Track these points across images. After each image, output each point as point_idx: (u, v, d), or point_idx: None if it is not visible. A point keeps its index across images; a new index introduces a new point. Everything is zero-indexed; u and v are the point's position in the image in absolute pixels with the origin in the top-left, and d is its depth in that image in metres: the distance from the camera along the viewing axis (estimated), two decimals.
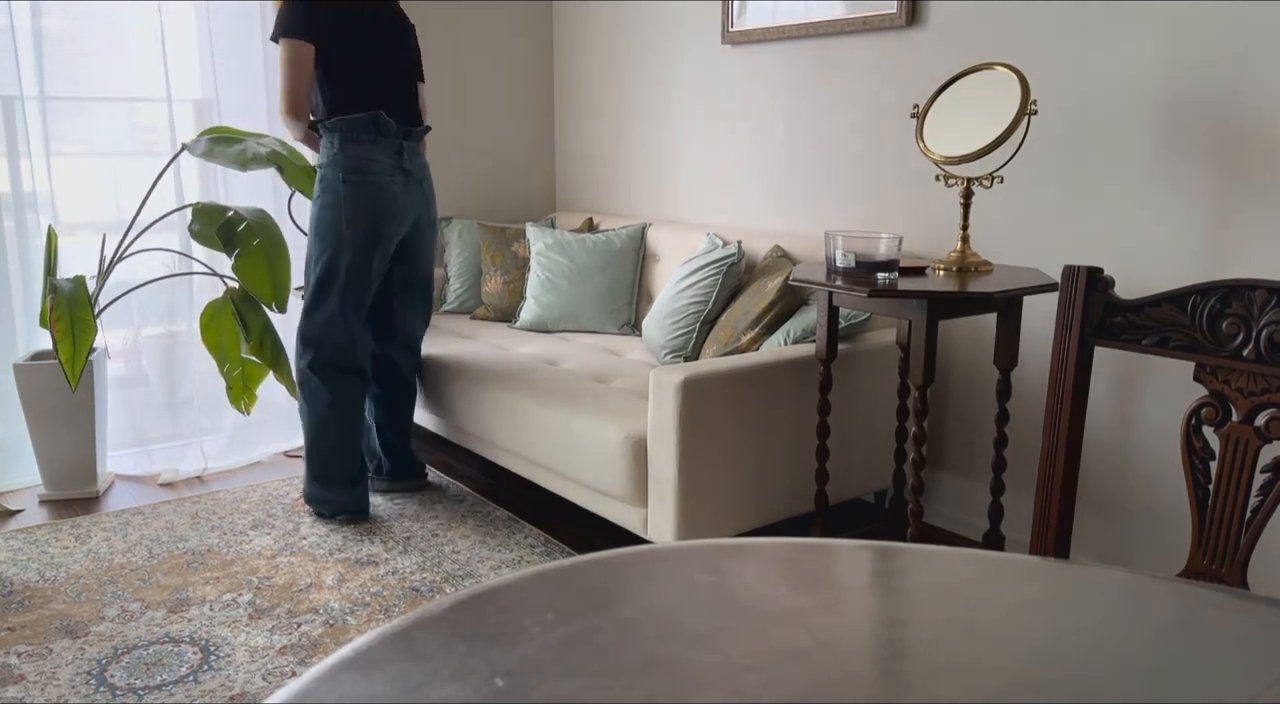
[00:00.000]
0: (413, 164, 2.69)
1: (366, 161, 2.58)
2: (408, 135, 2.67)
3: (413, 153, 2.69)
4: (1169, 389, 2.23)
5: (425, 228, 2.79)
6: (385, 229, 2.63)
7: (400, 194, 2.66)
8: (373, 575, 2.42)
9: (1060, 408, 1.26)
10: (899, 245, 2.03)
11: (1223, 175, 2.09)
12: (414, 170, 2.69)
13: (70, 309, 2.74)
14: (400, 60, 2.71)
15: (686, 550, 0.78)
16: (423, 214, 2.76)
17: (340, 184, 2.57)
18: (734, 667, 0.61)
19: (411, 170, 2.68)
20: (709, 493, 2.29)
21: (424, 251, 2.83)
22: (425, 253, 2.84)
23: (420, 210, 2.74)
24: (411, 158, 2.69)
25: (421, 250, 2.82)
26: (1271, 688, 0.60)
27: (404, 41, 2.74)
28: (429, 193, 2.78)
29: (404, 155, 2.66)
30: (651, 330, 2.97)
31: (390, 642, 0.63)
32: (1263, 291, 1.10)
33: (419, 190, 2.72)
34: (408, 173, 2.67)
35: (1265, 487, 1.09)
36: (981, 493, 2.65)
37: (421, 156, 2.74)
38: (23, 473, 3.07)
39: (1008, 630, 0.67)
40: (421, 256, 2.83)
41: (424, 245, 2.82)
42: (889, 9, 2.67)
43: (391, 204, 2.63)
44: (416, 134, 2.70)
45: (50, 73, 3.03)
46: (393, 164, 2.62)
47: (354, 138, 2.57)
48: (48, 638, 2.10)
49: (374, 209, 2.60)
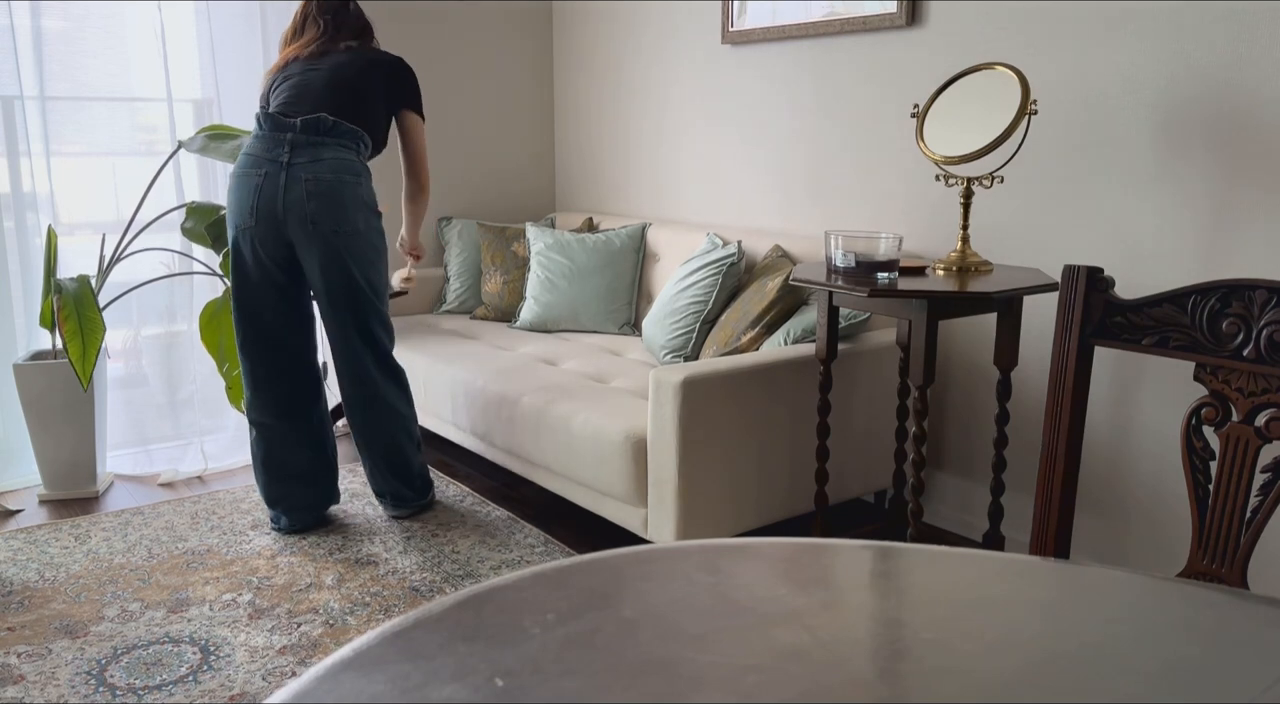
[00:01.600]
0: (302, 161, 2.46)
1: (243, 156, 2.52)
2: (313, 132, 2.47)
3: (313, 154, 2.47)
4: (1169, 389, 2.23)
5: (312, 231, 2.46)
6: (244, 222, 2.47)
7: (265, 187, 2.45)
8: (373, 575, 2.41)
9: (1060, 408, 1.26)
10: (899, 245, 2.03)
11: (1223, 175, 2.09)
12: (302, 168, 2.45)
13: (77, 308, 2.74)
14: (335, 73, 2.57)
15: (686, 550, 0.78)
16: (308, 215, 2.45)
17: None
18: (734, 667, 0.61)
19: (297, 165, 2.45)
20: (709, 493, 2.29)
21: (315, 258, 2.49)
22: (317, 259, 2.49)
23: (302, 210, 2.45)
24: (303, 154, 2.46)
25: (311, 257, 2.50)
26: (1271, 688, 0.60)
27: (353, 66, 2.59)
28: (327, 194, 2.46)
29: (292, 150, 2.46)
30: (651, 330, 2.97)
31: (390, 642, 0.63)
32: (1263, 291, 1.10)
33: (299, 188, 2.45)
34: (289, 167, 2.45)
35: (1265, 487, 1.09)
36: (981, 493, 2.65)
37: (335, 162, 2.48)
38: (23, 473, 3.07)
39: (1008, 631, 0.67)
40: (312, 262, 2.51)
41: (312, 251, 2.49)
42: (889, 9, 2.67)
43: (249, 195, 2.46)
44: (324, 130, 2.48)
45: (50, 73, 3.03)
46: (268, 157, 2.46)
47: (252, 132, 2.55)
48: (48, 638, 2.10)
49: (234, 201, 2.50)
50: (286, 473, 2.65)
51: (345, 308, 2.57)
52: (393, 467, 2.73)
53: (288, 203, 2.46)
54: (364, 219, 2.54)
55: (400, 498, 2.77)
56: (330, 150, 2.49)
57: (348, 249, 2.51)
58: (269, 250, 2.50)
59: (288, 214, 2.46)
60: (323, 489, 2.71)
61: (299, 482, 2.66)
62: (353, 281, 2.54)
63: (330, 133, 2.50)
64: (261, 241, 2.49)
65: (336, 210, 2.47)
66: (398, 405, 2.70)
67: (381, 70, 2.63)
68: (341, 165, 2.49)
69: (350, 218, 2.50)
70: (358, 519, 2.78)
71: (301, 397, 2.64)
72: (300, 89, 2.55)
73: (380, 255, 2.61)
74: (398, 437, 2.71)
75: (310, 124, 2.48)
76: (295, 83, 2.57)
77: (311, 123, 2.48)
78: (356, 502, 2.91)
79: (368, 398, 2.65)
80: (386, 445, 2.71)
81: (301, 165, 2.46)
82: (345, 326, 2.59)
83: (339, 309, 2.57)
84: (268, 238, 2.49)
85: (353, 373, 2.64)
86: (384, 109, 2.65)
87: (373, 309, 2.61)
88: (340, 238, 2.49)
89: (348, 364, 2.64)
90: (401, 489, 2.77)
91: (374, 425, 2.68)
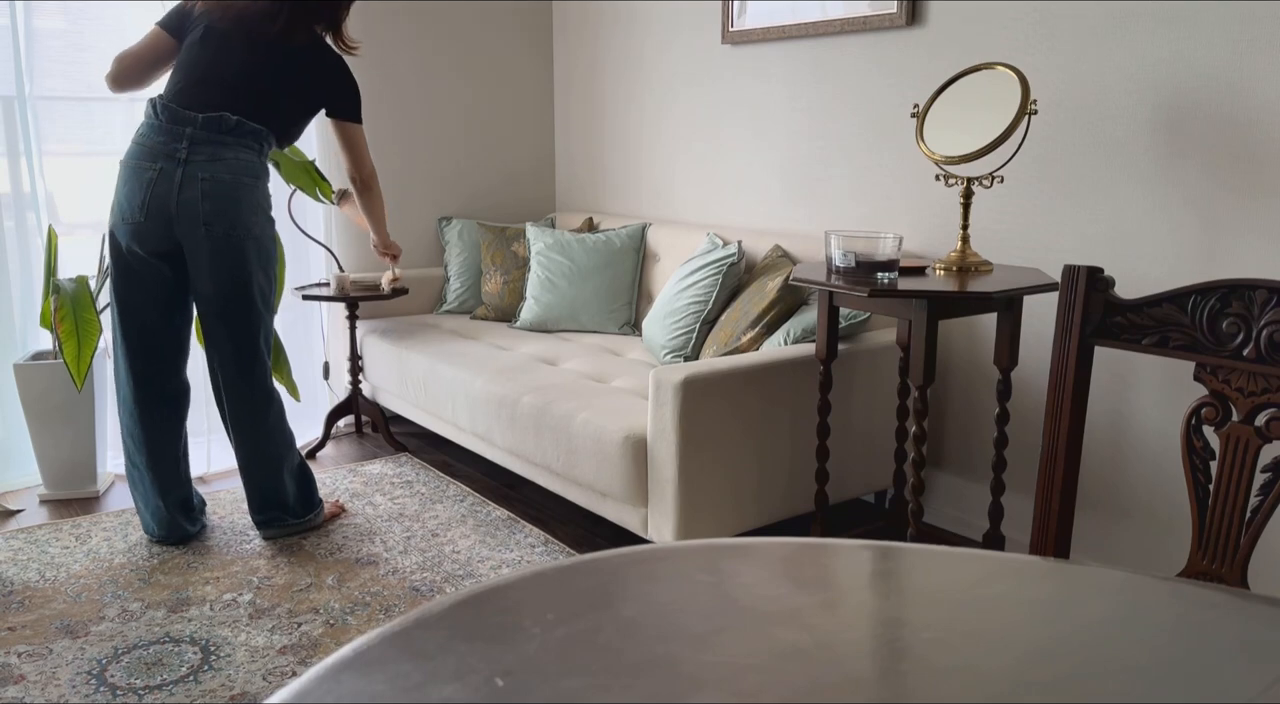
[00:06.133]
0: (200, 160, 2.33)
1: (135, 145, 2.38)
2: (215, 131, 2.34)
3: (212, 153, 2.34)
4: (1169, 389, 2.23)
5: (204, 233, 2.34)
6: (132, 217, 2.35)
7: (158, 183, 2.32)
8: (373, 575, 2.41)
9: (1060, 408, 1.26)
10: (899, 245, 2.03)
11: (1223, 175, 2.09)
12: (200, 166, 2.32)
13: (74, 309, 2.74)
14: (249, 66, 2.40)
15: (686, 550, 0.78)
16: (200, 215, 2.33)
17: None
18: (734, 667, 0.61)
19: (195, 163, 2.32)
20: (709, 493, 2.29)
21: (204, 260, 2.37)
22: (206, 262, 2.37)
23: (195, 210, 2.33)
24: (201, 151, 2.33)
25: (200, 260, 2.37)
26: (1271, 688, 0.60)
27: (271, 61, 2.42)
28: (224, 195, 2.34)
29: (190, 147, 2.32)
30: (651, 330, 2.97)
31: (390, 642, 0.63)
32: (1263, 291, 1.10)
33: (194, 187, 2.32)
34: (186, 165, 2.32)
35: (1265, 487, 1.09)
36: (981, 493, 2.65)
37: (235, 163, 2.36)
38: (23, 473, 3.07)
39: (1008, 630, 0.67)
40: (200, 266, 2.38)
41: (202, 254, 2.36)
42: (889, 9, 2.67)
43: (139, 190, 2.34)
44: (226, 129, 2.35)
45: (50, 73, 3.03)
46: (165, 152, 2.33)
47: (145, 119, 2.39)
48: (48, 638, 2.10)
49: (123, 193, 2.36)
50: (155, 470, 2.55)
51: (233, 315, 2.42)
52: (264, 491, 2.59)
53: (181, 201, 2.33)
54: (259, 223, 2.42)
55: (275, 521, 2.62)
56: (231, 150, 2.36)
57: (241, 252, 2.38)
58: (151, 247, 2.37)
59: (180, 213, 2.33)
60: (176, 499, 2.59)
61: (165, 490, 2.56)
62: (243, 287, 2.41)
63: (233, 132, 2.36)
64: (144, 238, 2.36)
65: (232, 213, 2.35)
66: (279, 425, 2.55)
67: (311, 76, 2.48)
68: (241, 167, 2.37)
69: (246, 221, 2.38)
70: (358, 519, 2.78)
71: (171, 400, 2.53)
72: (205, 79, 2.38)
73: (273, 262, 2.49)
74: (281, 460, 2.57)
75: (213, 122, 2.34)
76: (202, 68, 2.39)
77: (214, 121, 2.34)
78: (356, 502, 2.91)
79: (250, 414, 2.50)
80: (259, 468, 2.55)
81: (199, 164, 2.33)
82: (231, 336, 2.44)
83: (225, 316, 2.42)
84: (153, 235, 2.36)
85: (234, 389, 2.48)
86: (303, 111, 2.52)
87: (260, 321, 2.47)
88: (233, 241, 2.37)
89: (229, 378, 2.47)
90: (279, 514, 2.62)
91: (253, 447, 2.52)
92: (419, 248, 3.85)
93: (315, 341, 3.63)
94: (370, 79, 3.62)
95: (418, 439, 3.56)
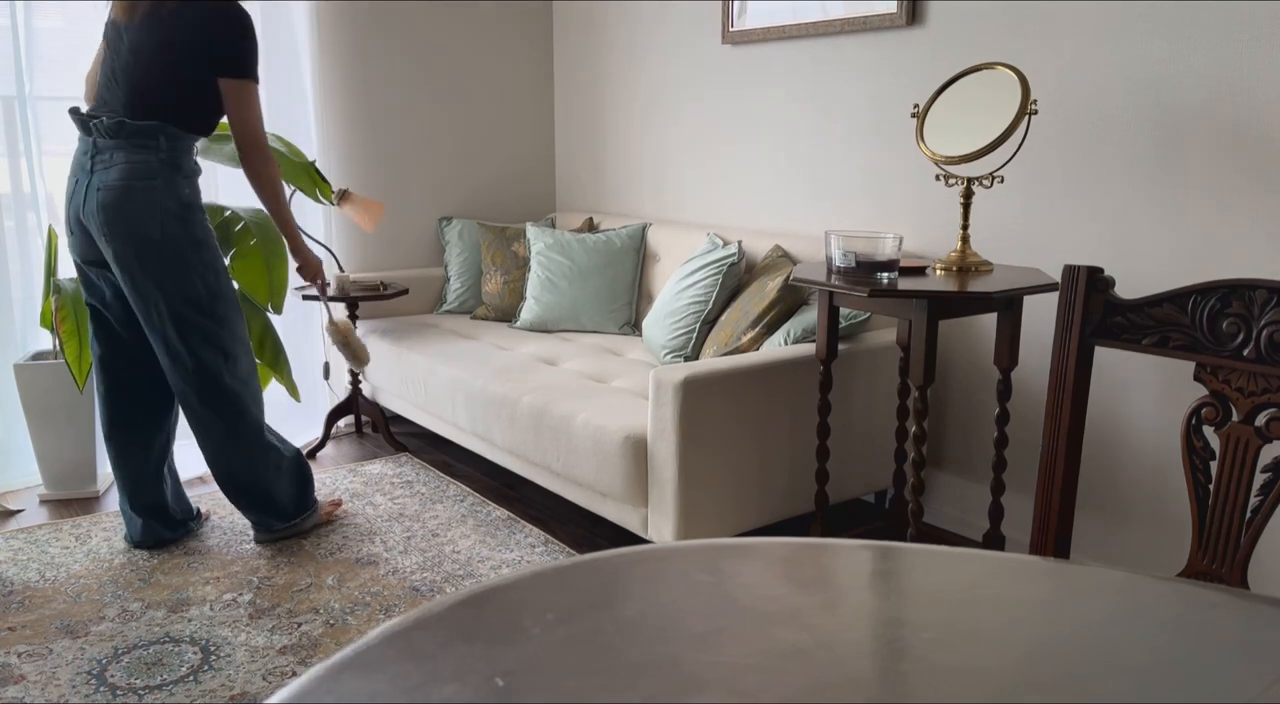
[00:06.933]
0: (100, 169, 2.24)
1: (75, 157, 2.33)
2: (112, 136, 2.22)
3: (108, 160, 2.23)
4: (1169, 389, 2.23)
5: (105, 246, 2.25)
6: (68, 232, 2.35)
7: (75, 197, 2.28)
8: (373, 575, 2.41)
9: (1060, 408, 1.26)
10: (899, 245, 2.03)
11: (1223, 175, 2.09)
12: (98, 176, 2.23)
13: (74, 309, 2.74)
14: (137, 56, 2.26)
15: (686, 550, 0.78)
16: (99, 227, 2.23)
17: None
18: (734, 667, 0.61)
19: (97, 173, 2.23)
20: (709, 493, 2.29)
21: (117, 273, 2.27)
22: (119, 275, 2.27)
23: (96, 222, 2.23)
24: (101, 160, 2.24)
25: (116, 273, 2.28)
26: (1271, 688, 0.60)
27: (153, 39, 2.25)
28: (114, 204, 2.21)
29: (94, 157, 2.24)
30: (651, 330, 2.97)
31: (390, 642, 0.63)
32: (1263, 291, 1.10)
33: (94, 198, 2.23)
34: (92, 175, 2.24)
35: (1265, 487, 1.09)
36: (981, 493, 2.65)
37: (125, 168, 2.23)
38: (23, 473, 3.07)
39: (1008, 631, 0.67)
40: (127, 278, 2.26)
41: (115, 267, 2.26)
42: (889, 9, 2.67)
43: (67, 204, 2.32)
44: (120, 133, 2.22)
45: (50, 73, 3.03)
46: (79, 164, 2.28)
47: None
48: (48, 638, 2.10)
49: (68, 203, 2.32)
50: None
51: (157, 327, 2.31)
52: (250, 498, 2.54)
53: (87, 214, 2.26)
54: (161, 226, 2.24)
55: (262, 526, 2.59)
56: (124, 153, 2.23)
57: (142, 261, 2.23)
58: (90, 258, 2.35)
59: (91, 225, 2.27)
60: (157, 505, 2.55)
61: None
62: (157, 298, 2.27)
63: (124, 135, 2.23)
64: (80, 251, 2.35)
65: (124, 221, 2.21)
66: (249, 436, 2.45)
67: (187, 34, 2.24)
68: (131, 171, 2.22)
69: (142, 228, 2.22)
70: (358, 519, 2.78)
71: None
72: (107, 81, 2.30)
73: (196, 263, 2.30)
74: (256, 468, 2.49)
75: (111, 128, 2.22)
76: (105, 70, 2.31)
77: (112, 127, 2.22)
78: (356, 501, 2.91)
79: (202, 426, 2.42)
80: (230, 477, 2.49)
81: (99, 173, 2.23)
82: (167, 352, 2.34)
83: (152, 328, 2.31)
84: (84, 247, 2.33)
85: (190, 411, 2.41)
86: (197, 87, 2.28)
87: (192, 327, 2.32)
88: (131, 250, 2.23)
89: (185, 402, 2.40)
90: (266, 519, 2.58)
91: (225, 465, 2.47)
92: (419, 248, 3.85)
93: (315, 341, 3.63)
94: (370, 79, 3.62)
95: (418, 439, 3.56)
